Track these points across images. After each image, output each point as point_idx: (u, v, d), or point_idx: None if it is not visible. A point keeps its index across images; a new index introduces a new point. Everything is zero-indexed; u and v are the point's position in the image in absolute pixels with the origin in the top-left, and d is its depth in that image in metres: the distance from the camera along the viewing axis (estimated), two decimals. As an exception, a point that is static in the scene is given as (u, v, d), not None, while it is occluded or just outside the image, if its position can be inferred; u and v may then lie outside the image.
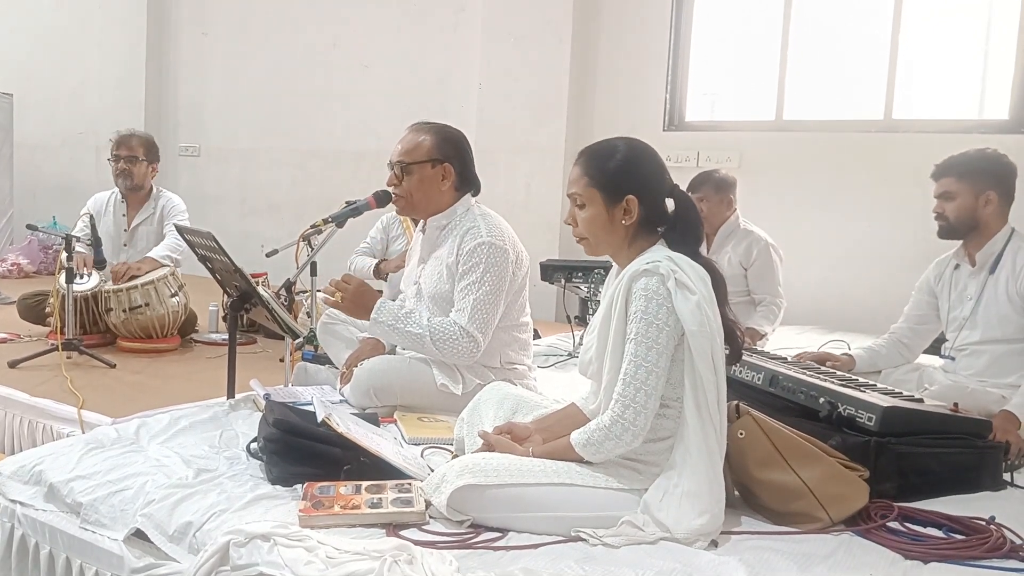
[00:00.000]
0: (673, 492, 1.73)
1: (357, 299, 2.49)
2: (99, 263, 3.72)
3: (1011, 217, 2.84)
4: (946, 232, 2.87)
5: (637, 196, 1.86)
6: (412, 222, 4.05)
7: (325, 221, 2.78)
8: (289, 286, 2.91)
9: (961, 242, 2.90)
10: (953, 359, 2.88)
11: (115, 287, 3.76)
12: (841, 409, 2.13)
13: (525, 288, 2.72)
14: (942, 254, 3.01)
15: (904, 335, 3.06)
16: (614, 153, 1.91)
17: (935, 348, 3.09)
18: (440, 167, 2.62)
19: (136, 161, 4.17)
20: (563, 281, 4.08)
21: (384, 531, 1.70)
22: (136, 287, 3.75)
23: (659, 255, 1.81)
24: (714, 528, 1.72)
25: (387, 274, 4.07)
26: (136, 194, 4.26)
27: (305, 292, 3.60)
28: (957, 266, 2.92)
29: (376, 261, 4.09)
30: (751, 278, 3.91)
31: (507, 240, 2.59)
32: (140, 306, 3.74)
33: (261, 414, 2.21)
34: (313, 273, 3.26)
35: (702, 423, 1.74)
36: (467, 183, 2.69)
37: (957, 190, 2.79)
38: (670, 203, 1.91)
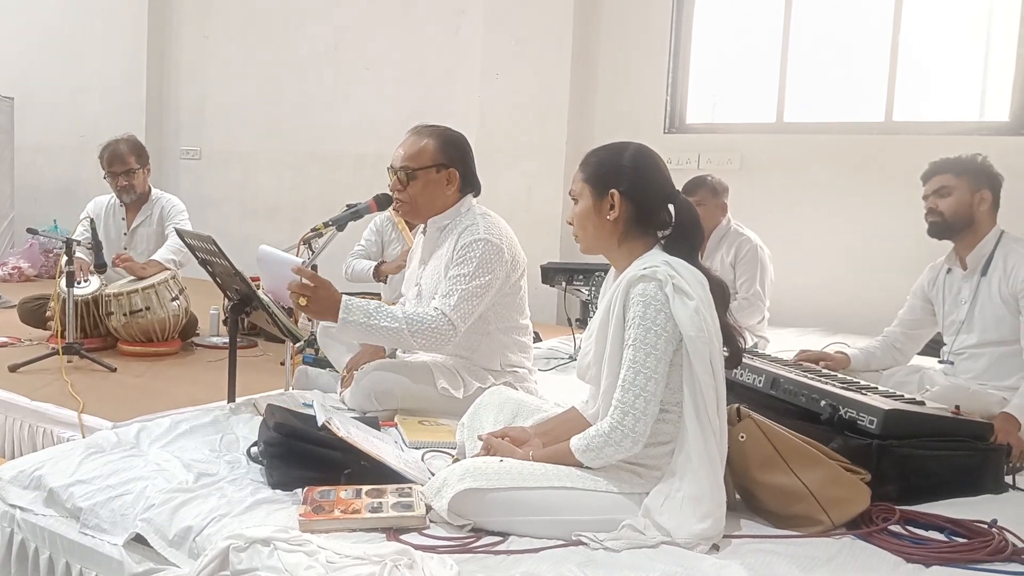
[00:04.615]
0: (674, 497, 1.73)
1: (323, 300, 2.29)
2: (100, 267, 3.71)
3: (1003, 223, 2.84)
4: (939, 229, 2.84)
5: (621, 191, 1.86)
6: (408, 224, 4.05)
7: (326, 224, 2.77)
8: (290, 289, 2.91)
9: (952, 247, 2.89)
10: (952, 363, 2.87)
11: (116, 291, 3.76)
12: (842, 412, 2.12)
13: (523, 290, 2.71)
14: (940, 257, 3.00)
15: (897, 339, 3.06)
16: (611, 152, 1.94)
17: (935, 351, 3.09)
18: (445, 172, 2.60)
19: (133, 173, 4.14)
20: (564, 284, 4.08)
21: (385, 535, 1.70)
22: (137, 291, 3.75)
23: (656, 259, 1.81)
24: (716, 533, 1.71)
25: (387, 275, 4.07)
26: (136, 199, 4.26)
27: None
28: (949, 270, 2.92)
29: (376, 263, 4.09)
30: (737, 276, 3.94)
31: (504, 240, 2.58)
32: (141, 310, 3.74)
33: (262, 418, 2.20)
34: (313, 276, 3.27)
35: (701, 428, 1.74)
36: (469, 185, 2.68)
37: (954, 185, 2.79)
38: (672, 211, 1.90)
